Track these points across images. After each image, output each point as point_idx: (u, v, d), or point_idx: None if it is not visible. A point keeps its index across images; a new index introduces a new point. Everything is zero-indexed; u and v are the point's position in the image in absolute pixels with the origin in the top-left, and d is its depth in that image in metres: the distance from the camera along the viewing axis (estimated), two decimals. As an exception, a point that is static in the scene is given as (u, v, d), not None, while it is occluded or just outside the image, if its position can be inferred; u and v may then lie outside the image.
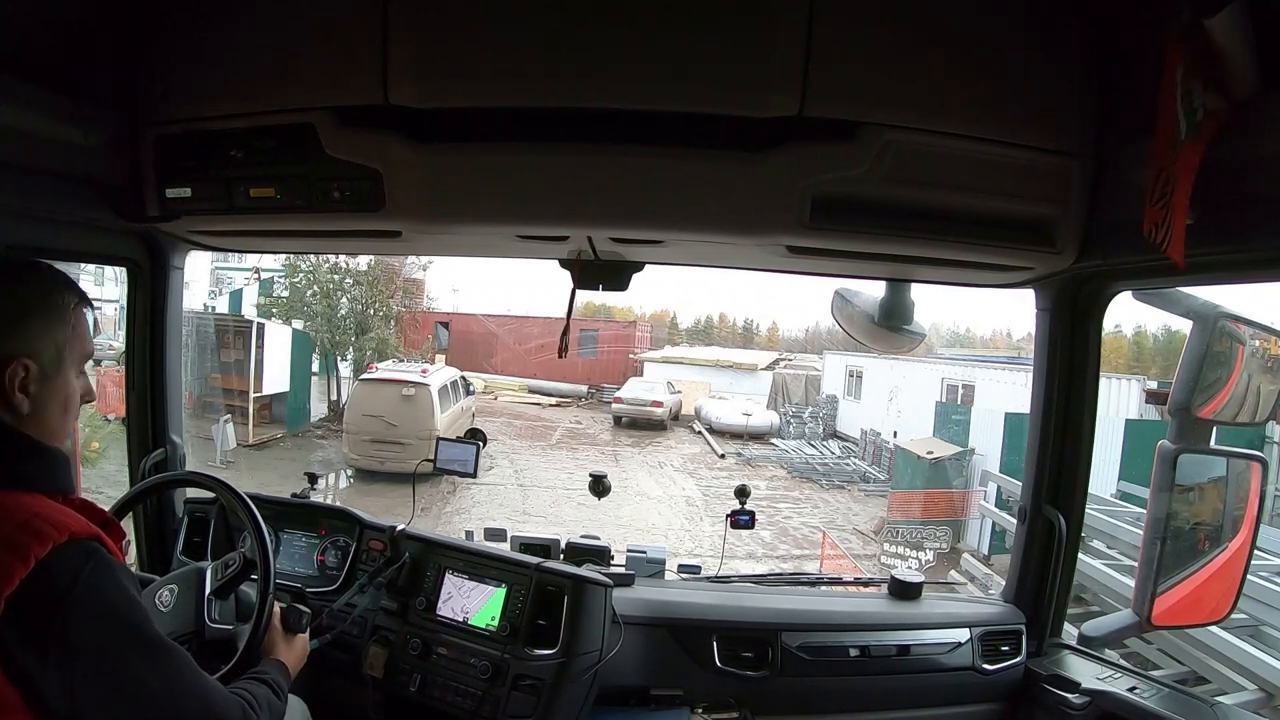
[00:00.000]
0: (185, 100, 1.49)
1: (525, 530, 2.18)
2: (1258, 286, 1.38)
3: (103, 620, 0.95)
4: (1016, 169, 1.40)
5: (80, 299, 1.10)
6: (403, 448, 10.93)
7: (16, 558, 0.89)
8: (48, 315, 1.05)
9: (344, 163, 1.43)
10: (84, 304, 1.10)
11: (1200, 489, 1.71)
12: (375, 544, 1.92)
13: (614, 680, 1.74)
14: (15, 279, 1.05)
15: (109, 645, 0.95)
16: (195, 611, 1.42)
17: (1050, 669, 1.81)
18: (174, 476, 1.92)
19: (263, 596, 1.42)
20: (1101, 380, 1.84)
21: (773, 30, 1.27)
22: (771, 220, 1.40)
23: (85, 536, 0.96)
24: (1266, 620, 5.49)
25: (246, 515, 1.50)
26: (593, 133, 1.36)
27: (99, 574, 0.95)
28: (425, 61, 1.32)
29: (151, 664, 0.99)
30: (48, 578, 0.91)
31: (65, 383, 1.07)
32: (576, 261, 1.77)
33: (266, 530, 1.50)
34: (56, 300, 1.06)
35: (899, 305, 1.95)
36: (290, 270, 16.17)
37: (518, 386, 21.19)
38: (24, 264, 1.09)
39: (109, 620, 0.95)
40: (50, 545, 0.92)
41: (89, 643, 0.93)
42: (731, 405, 18.35)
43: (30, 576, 0.89)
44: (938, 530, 9.13)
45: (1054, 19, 1.37)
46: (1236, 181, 1.13)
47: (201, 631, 1.42)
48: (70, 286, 1.09)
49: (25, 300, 1.04)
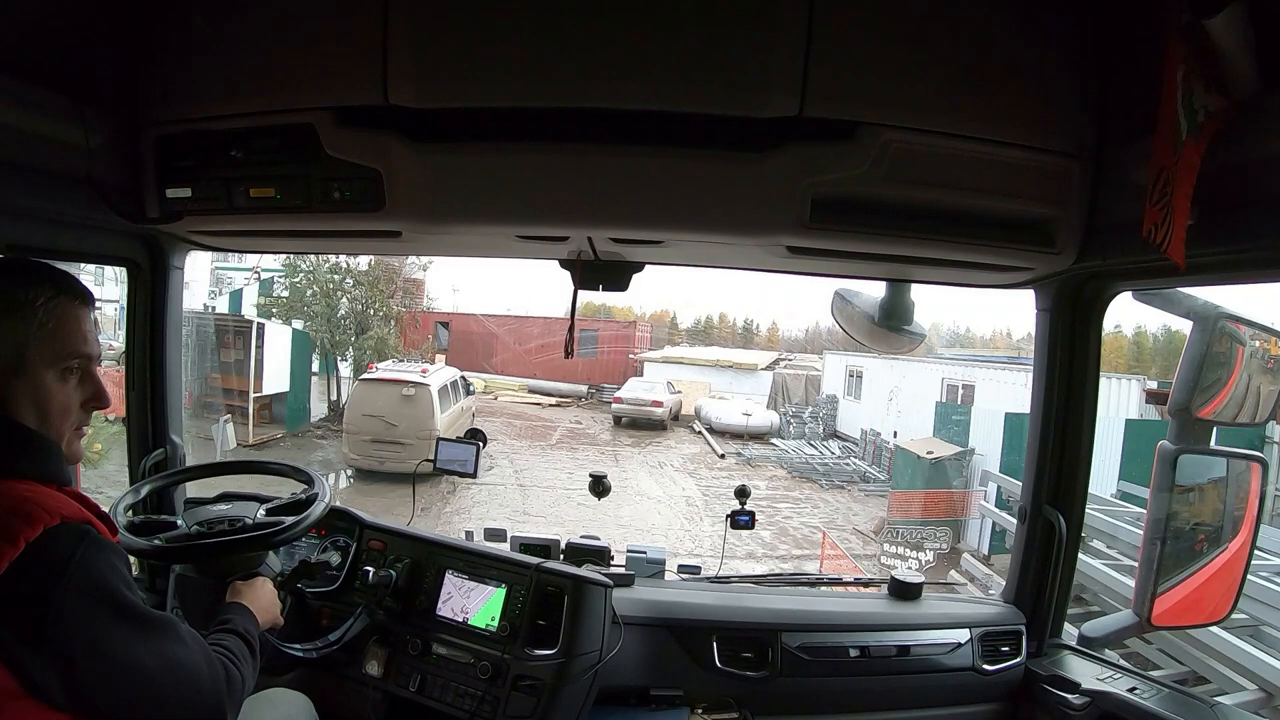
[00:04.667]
0: (185, 100, 1.49)
1: (525, 530, 2.18)
2: (1258, 286, 1.38)
3: (97, 600, 0.93)
4: (1016, 169, 1.40)
5: (57, 294, 1.04)
6: (403, 448, 10.94)
7: (5, 540, 0.88)
8: (4, 309, 1.00)
9: (344, 163, 1.43)
10: (65, 299, 1.05)
11: (1200, 489, 1.71)
12: (375, 544, 1.92)
13: (614, 680, 1.74)
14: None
15: (104, 625, 0.94)
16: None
17: (1050, 669, 1.81)
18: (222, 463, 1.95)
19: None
20: (1101, 380, 1.84)
21: (773, 31, 1.27)
22: (771, 220, 1.40)
23: (78, 520, 0.95)
24: (1266, 620, 5.49)
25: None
26: (593, 133, 1.36)
27: (92, 554, 0.94)
28: (425, 62, 1.32)
29: (147, 642, 0.98)
30: (39, 560, 0.90)
31: (36, 384, 1.02)
32: (577, 262, 1.77)
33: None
34: (16, 296, 1.01)
35: (899, 305, 1.95)
36: (290, 270, 16.18)
37: (518, 386, 21.19)
38: (5, 261, 1.08)
39: (103, 600, 0.94)
40: (41, 528, 0.91)
41: (84, 624, 0.92)
42: (731, 405, 18.35)
43: (20, 559, 0.88)
44: (938, 530, 9.12)
45: (1054, 19, 1.37)
46: (1236, 181, 1.13)
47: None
48: (41, 281, 1.04)
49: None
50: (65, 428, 1.07)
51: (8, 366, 1.00)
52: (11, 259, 1.10)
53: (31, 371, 1.02)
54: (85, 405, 1.09)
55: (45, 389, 1.03)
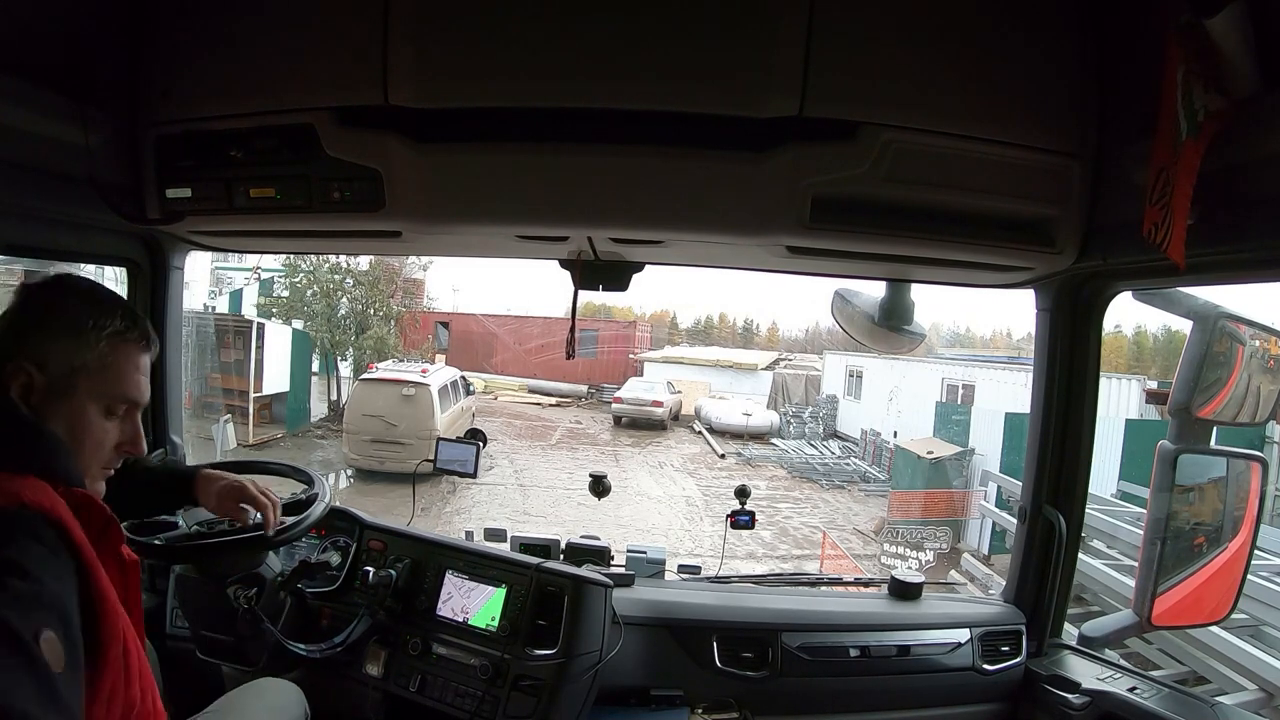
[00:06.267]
0: (185, 100, 1.50)
1: (525, 530, 2.18)
2: (1258, 286, 1.38)
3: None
4: (1016, 169, 1.40)
5: (124, 331, 1.02)
6: (403, 448, 10.94)
7: None
8: (64, 331, 0.99)
9: (344, 163, 1.43)
10: (131, 339, 1.03)
11: (1200, 489, 1.71)
12: (375, 544, 1.92)
13: (614, 680, 1.74)
14: (47, 288, 1.02)
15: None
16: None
17: (1050, 669, 1.81)
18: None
19: None
20: (1101, 380, 1.84)
21: (772, 31, 1.27)
22: (771, 220, 1.40)
23: (33, 509, 0.86)
24: (1266, 620, 5.49)
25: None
26: (592, 133, 1.36)
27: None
28: (425, 62, 1.32)
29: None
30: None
31: (78, 411, 0.99)
32: (577, 262, 1.77)
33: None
34: (83, 321, 1.00)
35: (899, 305, 1.95)
36: (290, 270, 16.18)
37: (517, 386, 21.20)
38: (65, 278, 1.04)
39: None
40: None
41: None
42: (731, 405, 18.36)
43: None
44: (938, 530, 9.12)
45: (1054, 19, 1.37)
46: (1236, 181, 1.13)
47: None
48: (111, 313, 1.02)
49: (46, 309, 1.00)
50: (94, 463, 1.03)
51: (55, 384, 0.98)
52: (94, 284, 1.06)
53: (77, 398, 0.99)
54: (119, 447, 1.06)
55: (86, 419, 1.00)
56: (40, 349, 0.98)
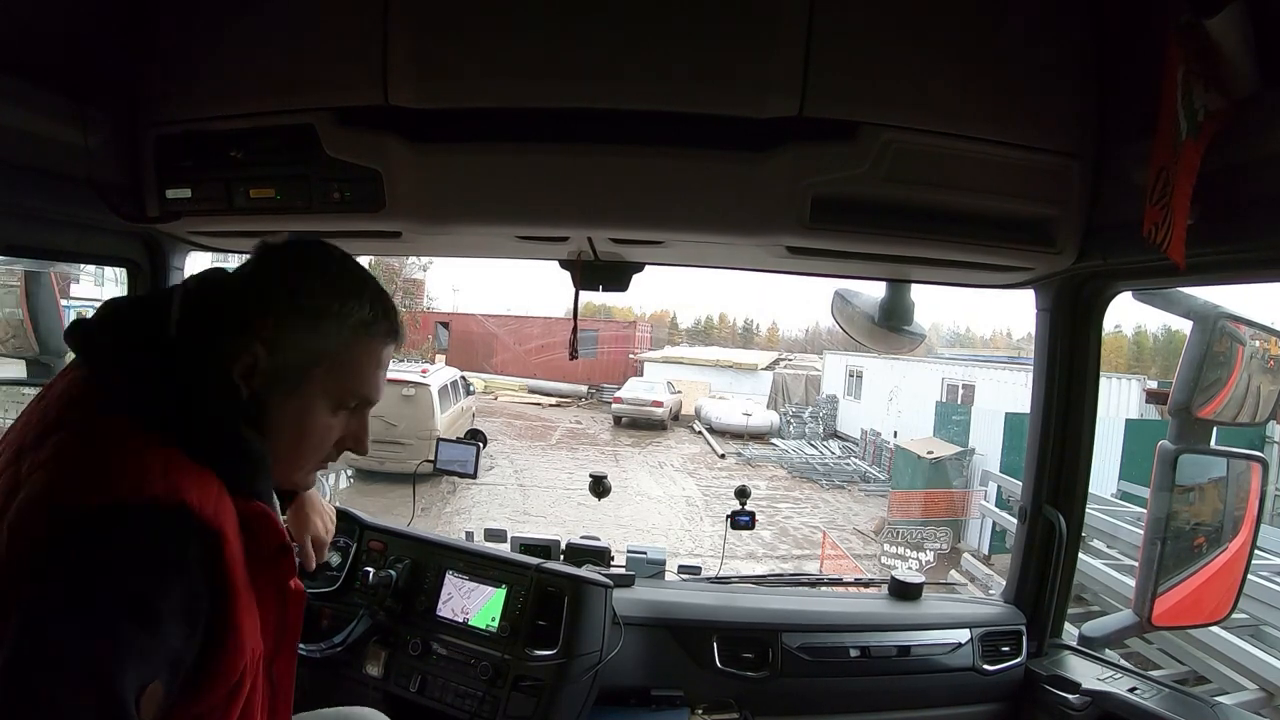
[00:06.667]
0: (185, 100, 1.49)
1: (525, 531, 2.18)
2: (1258, 286, 1.39)
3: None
4: (1016, 169, 1.39)
5: (373, 320, 0.91)
6: (403, 448, 10.90)
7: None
8: (304, 315, 0.87)
9: (344, 163, 1.43)
10: (379, 330, 0.92)
11: (1200, 489, 1.71)
12: (375, 544, 1.92)
13: (614, 681, 1.74)
14: (292, 256, 0.91)
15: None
16: None
17: (1051, 669, 1.81)
18: None
19: None
20: (1101, 380, 1.84)
21: (772, 30, 1.27)
22: (771, 220, 1.40)
23: (193, 512, 0.73)
24: (1266, 620, 5.49)
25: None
26: (593, 133, 1.35)
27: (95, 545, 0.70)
28: (425, 62, 1.32)
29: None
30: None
31: (303, 404, 0.88)
32: (577, 262, 1.77)
33: None
34: (330, 306, 0.88)
35: (899, 306, 1.95)
36: (290, 270, 16.15)
37: (518, 386, 21.21)
38: (311, 247, 0.94)
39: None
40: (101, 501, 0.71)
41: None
42: (731, 405, 18.38)
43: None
44: (938, 530, 9.12)
45: (1053, 19, 1.37)
46: (1236, 181, 1.13)
47: None
48: (360, 296, 0.90)
49: (285, 284, 0.88)
50: (311, 460, 0.94)
51: (282, 373, 0.86)
52: (344, 258, 0.93)
53: (305, 391, 0.88)
54: (340, 443, 0.96)
55: (312, 415, 0.90)
56: (272, 329, 0.86)
